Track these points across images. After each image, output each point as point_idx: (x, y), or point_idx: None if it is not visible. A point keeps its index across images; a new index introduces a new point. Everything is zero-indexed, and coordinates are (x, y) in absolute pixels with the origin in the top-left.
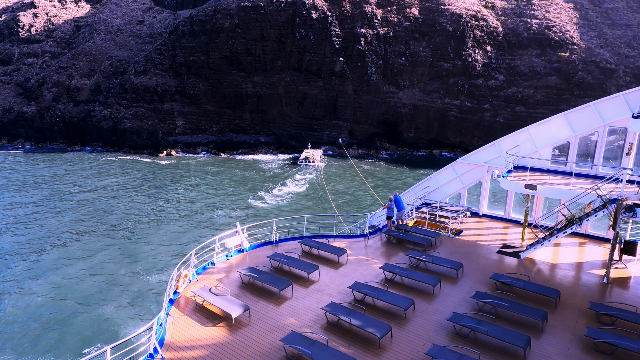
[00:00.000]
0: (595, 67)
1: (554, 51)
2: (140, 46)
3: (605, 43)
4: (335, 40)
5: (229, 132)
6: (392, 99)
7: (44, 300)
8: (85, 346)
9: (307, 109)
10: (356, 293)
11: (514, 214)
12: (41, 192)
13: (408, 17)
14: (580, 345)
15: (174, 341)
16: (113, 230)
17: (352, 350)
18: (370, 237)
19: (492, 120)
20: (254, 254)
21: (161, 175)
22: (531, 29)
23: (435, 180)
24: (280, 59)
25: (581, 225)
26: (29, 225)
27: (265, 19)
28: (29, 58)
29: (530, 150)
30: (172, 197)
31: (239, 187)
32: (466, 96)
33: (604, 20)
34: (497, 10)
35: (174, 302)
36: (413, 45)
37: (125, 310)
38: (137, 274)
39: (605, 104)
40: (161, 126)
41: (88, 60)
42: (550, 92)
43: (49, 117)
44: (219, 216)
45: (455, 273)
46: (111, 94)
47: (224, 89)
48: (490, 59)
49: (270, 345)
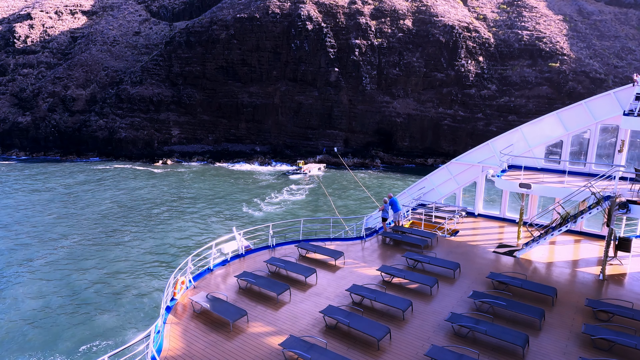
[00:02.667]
0: (585, 77)
1: (545, 61)
2: (136, 57)
3: (595, 54)
4: (330, 50)
5: (225, 142)
6: (387, 109)
7: (40, 308)
8: (82, 354)
9: (302, 118)
10: (354, 295)
11: (509, 213)
12: (35, 199)
13: (402, 28)
14: (578, 342)
15: (172, 349)
16: (108, 237)
17: (351, 353)
18: (367, 239)
19: (486, 129)
20: (251, 259)
21: (156, 182)
22: (522, 40)
23: (431, 181)
24: (275, 69)
25: (576, 222)
26: (21, 236)
27: (261, 30)
28: (24, 69)
29: (524, 150)
30: (167, 204)
31: (235, 195)
32: (459, 106)
33: (592, 32)
34: (488, 22)
35: (171, 309)
36: (407, 56)
37: (123, 318)
38: (133, 282)
39: (597, 102)
40: (157, 136)
41: (84, 70)
42: (542, 101)
43: (44, 127)
44: (215, 222)
45: (453, 273)
46: (107, 104)
47: (220, 99)
48: (483, 69)
49: (269, 350)
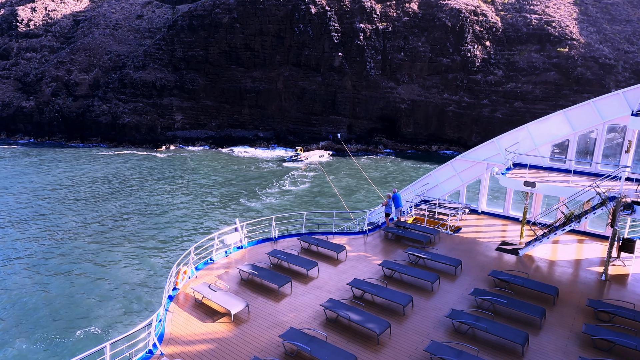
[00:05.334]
0: (594, 63)
1: (553, 47)
2: (139, 41)
3: (605, 38)
4: (334, 35)
5: (228, 127)
6: (391, 94)
7: (41, 296)
8: (84, 342)
9: (305, 104)
10: (355, 290)
11: (513, 212)
12: (33, 186)
13: (407, 12)
14: (578, 342)
15: (173, 337)
16: (110, 227)
17: (351, 346)
18: (370, 234)
19: (491, 116)
20: (253, 251)
21: (159, 169)
22: (530, 24)
23: (435, 177)
24: (279, 54)
25: (580, 222)
26: (21, 223)
27: (264, 13)
28: (27, 53)
29: (530, 148)
30: (169, 194)
31: (238, 183)
32: (465, 91)
33: (603, 16)
34: (496, 5)
35: (173, 298)
36: (412, 41)
37: (125, 307)
38: (135, 271)
39: (605, 102)
40: (160, 121)
41: (87, 55)
42: (549, 87)
43: (48, 112)
44: (217, 212)
45: (454, 270)
46: (110, 88)
47: (223, 84)
48: (489, 54)
49: (269, 341)
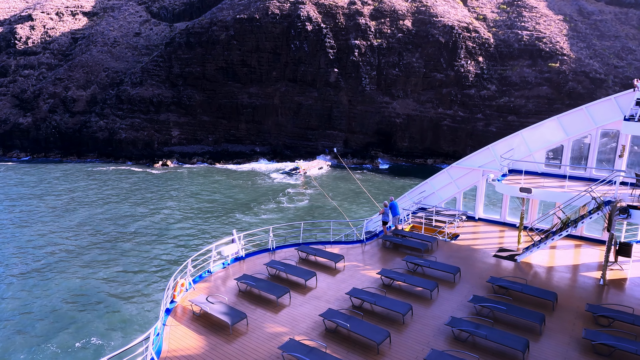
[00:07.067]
0: (585, 77)
1: (545, 62)
2: (136, 57)
3: (595, 54)
4: (330, 51)
5: (225, 142)
6: (386, 109)
7: (39, 309)
8: (80, 358)
9: (302, 119)
10: (354, 299)
11: (509, 218)
12: (32, 202)
13: (401, 28)
14: (578, 347)
15: (171, 351)
16: (106, 240)
17: (350, 356)
18: (367, 242)
19: (485, 130)
20: (251, 262)
21: (155, 185)
22: (522, 40)
23: (431, 185)
24: (275, 70)
25: (576, 227)
26: (17, 236)
27: (260, 30)
28: (25, 70)
29: (525, 154)
30: (166, 207)
31: (235, 197)
32: (459, 106)
33: (593, 32)
34: (488, 22)
35: (170, 311)
36: (406, 56)
37: (122, 320)
38: (132, 284)
39: (598, 107)
40: (157, 136)
41: (84, 71)
42: (542, 101)
43: (45, 128)
44: (215, 224)
45: (453, 277)
46: (107, 104)
47: (220, 100)
48: (482, 69)
49: (268, 353)
